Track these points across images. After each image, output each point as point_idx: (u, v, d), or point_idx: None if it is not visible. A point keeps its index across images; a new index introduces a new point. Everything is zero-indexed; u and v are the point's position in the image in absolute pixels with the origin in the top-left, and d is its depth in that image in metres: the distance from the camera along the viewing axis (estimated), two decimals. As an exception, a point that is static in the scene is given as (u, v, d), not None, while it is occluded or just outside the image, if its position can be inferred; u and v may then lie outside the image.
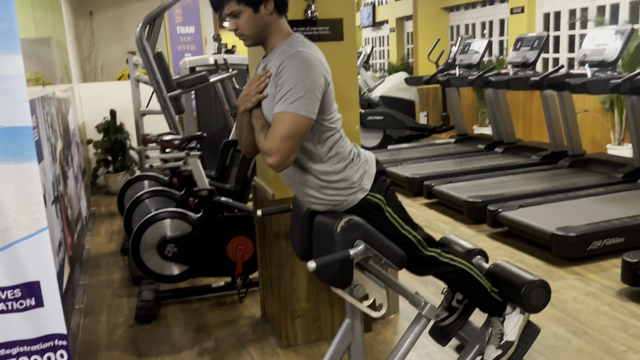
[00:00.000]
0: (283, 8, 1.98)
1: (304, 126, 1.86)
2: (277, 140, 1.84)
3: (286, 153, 1.85)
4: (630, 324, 2.93)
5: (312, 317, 2.88)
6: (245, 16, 1.93)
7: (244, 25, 1.95)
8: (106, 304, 3.56)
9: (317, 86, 1.85)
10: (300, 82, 1.82)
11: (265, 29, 1.96)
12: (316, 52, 1.92)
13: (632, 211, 4.09)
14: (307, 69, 1.84)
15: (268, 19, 1.95)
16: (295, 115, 1.83)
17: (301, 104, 1.83)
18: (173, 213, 3.41)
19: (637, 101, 4.75)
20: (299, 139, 1.87)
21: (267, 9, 1.93)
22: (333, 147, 2.00)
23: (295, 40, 1.94)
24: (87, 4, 8.83)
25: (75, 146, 5.00)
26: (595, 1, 7.08)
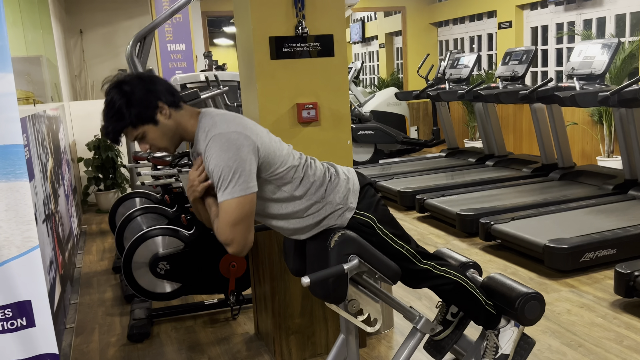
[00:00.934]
0: (176, 102, 1.93)
1: (247, 205, 1.84)
2: (227, 230, 1.84)
3: (241, 238, 1.86)
4: (625, 336, 2.94)
5: (307, 334, 2.86)
6: (150, 133, 1.90)
7: (155, 140, 1.92)
8: (98, 323, 3.52)
9: (244, 160, 1.82)
10: (225, 166, 1.80)
11: (175, 130, 1.93)
12: (229, 123, 1.87)
13: (624, 222, 4.11)
14: (226, 149, 1.81)
15: (171, 122, 1.91)
16: (234, 200, 1.81)
17: (235, 187, 1.81)
18: (165, 230, 3.39)
19: (626, 113, 4.80)
20: (248, 218, 1.86)
21: (165, 115, 1.90)
22: (303, 180, 1.98)
23: (206, 122, 1.90)
24: (78, 23, 8.85)
25: (66, 164, 4.97)
26: (582, 15, 7.19)
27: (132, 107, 1.84)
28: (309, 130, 2.75)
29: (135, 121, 1.86)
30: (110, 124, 1.88)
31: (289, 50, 2.66)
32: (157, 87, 1.90)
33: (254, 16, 2.59)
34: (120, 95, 1.85)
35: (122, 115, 1.85)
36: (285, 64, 2.67)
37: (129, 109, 1.84)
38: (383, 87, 10.93)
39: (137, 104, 1.85)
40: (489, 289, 2.34)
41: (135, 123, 1.87)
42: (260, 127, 1.99)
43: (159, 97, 1.88)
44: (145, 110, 1.86)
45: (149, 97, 1.86)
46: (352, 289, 2.01)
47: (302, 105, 2.69)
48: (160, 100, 1.88)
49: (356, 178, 2.10)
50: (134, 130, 1.89)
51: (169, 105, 1.90)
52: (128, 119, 1.86)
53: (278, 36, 2.63)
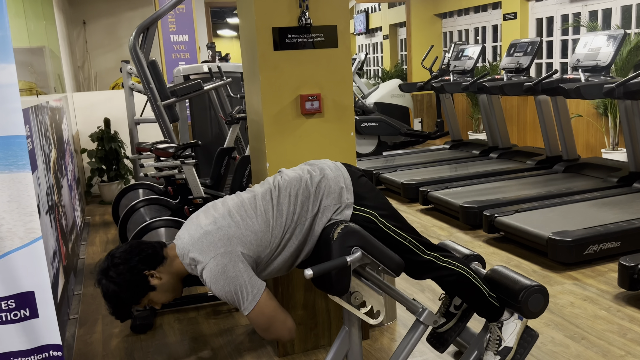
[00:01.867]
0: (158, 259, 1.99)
1: (265, 305, 1.92)
2: (267, 333, 1.97)
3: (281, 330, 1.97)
4: (628, 329, 2.93)
5: (309, 325, 2.86)
6: (154, 297, 2.00)
7: (162, 298, 2.02)
8: (101, 314, 3.53)
9: (235, 277, 1.88)
10: (227, 293, 1.89)
11: (173, 281, 2.02)
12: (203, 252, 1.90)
13: (628, 215, 4.10)
14: (215, 281, 1.88)
15: (165, 277, 2.00)
16: (254, 312, 1.91)
17: (247, 302, 1.89)
18: (168, 221, 3.39)
19: (631, 106, 4.77)
20: (275, 313, 1.94)
21: (156, 277, 1.98)
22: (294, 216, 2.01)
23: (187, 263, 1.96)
24: (81, 13, 8.83)
25: (69, 155, 4.98)
26: (588, 6, 7.13)
27: (125, 290, 1.94)
28: (312, 122, 2.73)
29: (136, 299, 1.98)
30: (116, 310, 2.00)
31: (292, 41, 2.64)
32: (136, 259, 1.96)
33: (257, 7, 2.57)
34: (109, 282, 1.94)
35: (121, 300, 1.96)
36: (289, 55, 2.65)
37: (124, 293, 1.95)
38: (387, 78, 10.88)
39: (127, 286, 1.94)
40: (493, 282, 2.34)
41: (136, 300, 1.98)
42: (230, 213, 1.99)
43: (143, 268, 1.96)
44: (138, 288, 1.96)
45: (134, 274, 1.95)
46: (355, 281, 2.00)
47: (306, 97, 2.68)
48: (145, 270, 1.96)
49: (346, 172, 2.10)
50: (139, 305, 2.01)
51: (155, 267, 1.98)
52: (128, 301, 1.97)
53: (281, 27, 2.62)
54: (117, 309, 1.99)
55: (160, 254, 2.00)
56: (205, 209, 2.07)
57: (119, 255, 1.97)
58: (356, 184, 2.08)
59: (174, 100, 4.54)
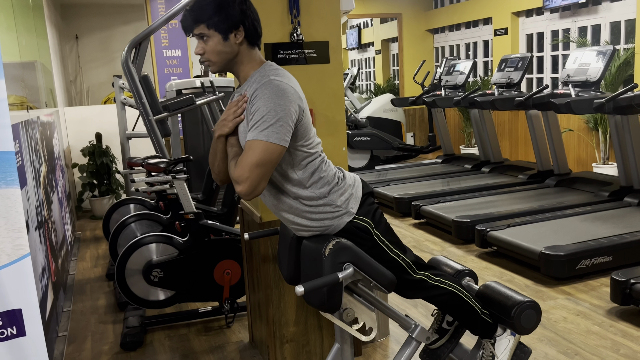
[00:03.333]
0: (254, 40, 1.96)
1: (275, 154, 1.83)
2: (247, 168, 1.81)
3: (255, 181, 1.82)
4: (621, 344, 2.92)
5: (301, 342, 2.83)
6: (213, 42, 1.91)
7: (211, 50, 1.93)
8: (91, 331, 3.49)
9: (290, 114, 1.83)
10: (272, 110, 1.81)
11: (233, 57, 1.95)
12: (289, 80, 1.90)
13: (619, 229, 4.11)
14: (280, 96, 1.82)
15: (237, 49, 1.93)
16: (266, 143, 1.80)
17: (272, 132, 1.80)
18: (159, 237, 3.37)
19: (621, 120, 4.81)
20: (270, 167, 1.84)
21: (237, 39, 1.91)
22: (315, 172, 1.97)
23: (268, 69, 1.93)
24: (73, 28, 8.84)
25: (60, 170, 4.94)
26: (577, 22, 7.22)
27: (220, 11, 1.88)
28: (304, 137, 2.73)
29: (212, 23, 1.89)
30: (194, 11, 1.91)
31: (284, 57, 2.65)
32: (250, 15, 1.93)
33: (249, 22, 2.57)
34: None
35: (205, 10, 1.89)
36: (281, 71, 2.65)
37: (216, 10, 1.88)
38: (379, 93, 10.94)
39: (225, 12, 1.88)
40: (485, 298, 2.33)
41: (210, 24, 1.89)
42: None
43: (245, 22, 1.91)
44: (226, 22, 1.89)
45: (239, 16, 1.90)
46: (347, 298, 1.99)
47: (297, 112, 2.67)
48: (244, 25, 1.91)
49: (360, 185, 2.10)
50: (205, 28, 1.91)
51: (246, 36, 1.93)
52: (208, 17, 1.89)
53: (273, 42, 2.62)
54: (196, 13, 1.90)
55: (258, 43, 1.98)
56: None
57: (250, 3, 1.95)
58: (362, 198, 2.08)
59: (166, 115, 4.53)
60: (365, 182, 2.16)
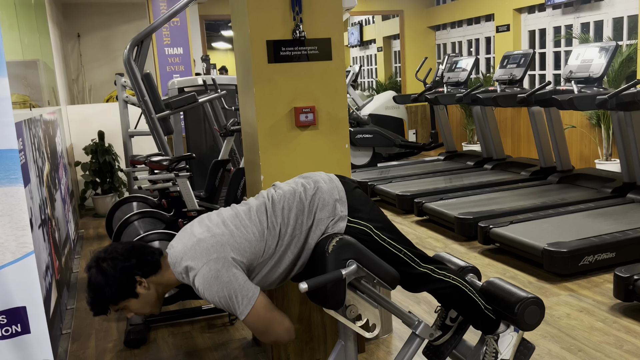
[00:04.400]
0: (153, 268, 1.97)
1: (262, 309, 1.89)
2: (265, 337, 1.94)
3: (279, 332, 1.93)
4: (625, 340, 2.92)
5: (305, 339, 2.84)
6: (132, 305, 1.97)
7: (139, 309, 1.99)
8: (95, 329, 3.49)
9: (229, 282, 1.86)
10: (220, 298, 1.86)
11: (157, 294, 1.99)
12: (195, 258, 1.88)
13: (622, 226, 4.10)
14: (209, 286, 1.86)
15: (152, 289, 1.97)
16: (249, 316, 1.88)
17: (242, 306, 1.87)
18: (162, 235, 3.37)
19: (624, 117, 4.80)
20: (271, 316, 1.91)
21: (144, 286, 1.95)
22: (287, 229, 2.00)
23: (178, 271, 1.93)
24: (75, 27, 8.84)
25: (62, 168, 4.95)
26: (579, 18, 7.20)
27: (110, 286, 1.91)
28: (307, 134, 2.73)
29: (115, 299, 1.93)
30: (93, 300, 1.95)
31: (287, 54, 2.65)
32: (134, 261, 1.94)
33: (251, 20, 2.58)
34: (99, 273, 1.91)
35: (102, 294, 1.92)
36: (283, 68, 2.65)
37: (108, 288, 1.91)
38: (381, 90, 10.92)
39: (114, 283, 1.91)
40: (488, 294, 2.33)
41: (115, 300, 1.94)
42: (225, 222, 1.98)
43: (136, 272, 1.93)
44: (123, 289, 1.93)
45: (125, 275, 1.92)
46: (350, 294, 1.99)
47: (300, 109, 2.68)
48: (138, 274, 1.94)
49: (340, 185, 2.09)
50: (115, 306, 1.96)
51: (147, 276, 1.95)
52: (109, 297, 1.92)
53: (275, 40, 2.62)
54: (95, 301, 1.94)
55: (158, 263, 1.98)
56: (200, 219, 2.06)
57: (119, 251, 1.95)
58: (350, 196, 2.08)
59: (168, 112, 4.54)
60: (347, 178, 2.17)
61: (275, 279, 2.03)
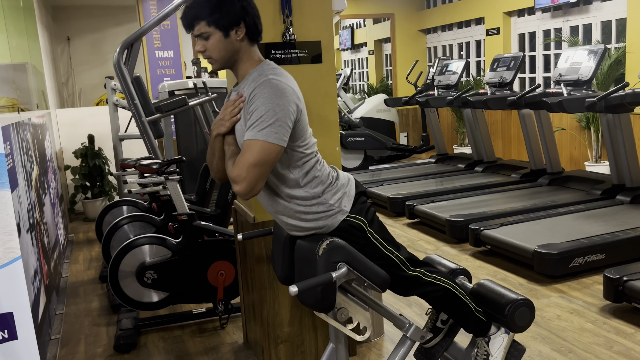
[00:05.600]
0: (255, 36, 1.96)
1: (273, 154, 1.83)
2: (245, 167, 1.81)
3: (253, 181, 1.82)
4: (614, 341, 2.93)
5: (296, 342, 2.83)
6: (214, 39, 1.91)
7: (213, 48, 1.92)
8: (84, 334, 3.47)
9: (288, 114, 1.83)
10: (271, 109, 1.80)
11: (234, 54, 1.94)
12: (288, 79, 1.90)
13: (612, 227, 4.13)
14: (278, 96, 1.82)
15: (238, 45, 1.93)
16: (265, 143, 1.80)
17: (271, 132, 1.80)
18: (152, 239, 3.35)
19: (613, 119, 4.83)
20: (268, 167, 1.84)
21: (238, 35, 1.91)
22: (310, 172, 1.97)
23: (267, 67, 1.92)
24: (65, 30, 8.80)
25: (52, 172, 4.92)
26: (568, 22, 7.25)
27: (220, 8, 1.87)
28: (297, 137, 2.72)
29: (212, 20, 1.88)
30: (193, 8, 1.90)
31: (277, 57, 2.64)
32: (251, 11, 1.93)
33: (241, 22, 2.57)
34: None
35: (206, 7, 1.87)
36: (273, 71, 2.64)
37: (217, 7, 1.87)
38: (372, 93, 10.95)
39: (225, 8, 1.87)
40: (479, 296, 2.33)
41: (211, 21, 1.88)
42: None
43: (245, 19, 1.91)
44: (226, 18, 1.88)
45: (239, 12, 1.89)
46: (341, 297, 1.98)
47: (290, 112, 2.67)
48: (245, 22, 1.91)
49: (354, 184, 2.10)
50: (206, 27, 1.89)
51: (247, 33, 1.92)
52: (207, 14, 1.88)
53: (266, 42, 2.62)
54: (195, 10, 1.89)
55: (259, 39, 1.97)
56: None
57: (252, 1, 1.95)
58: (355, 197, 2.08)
59: (158, 116, 4.51)
60: (359, 181, 2.16)
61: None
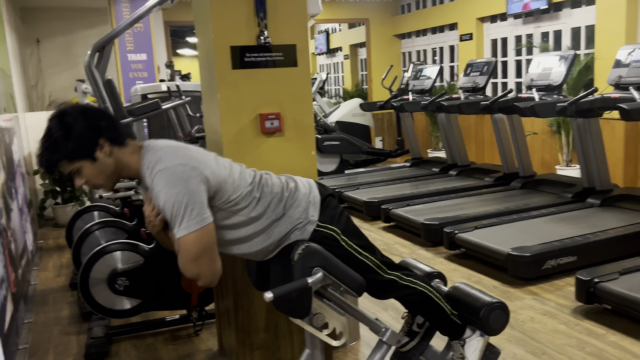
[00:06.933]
0: (120, 139, 1.87)
1: (206, 237, 1.80)
2: (191, 265, 1.80)
3: (208, 271, 1.82)
4: (586, 342, 2.97)
5: (272, 349, 2.80)
6: (87, 169, 1.84)
7: (91, 176, 1.86)
8: (53, 343, 3.38)
9: (194, 193, 1.77)
10: (175, 201, 1.75)
11: (115, 168, 1.87)
12: (174, 157, 1.81)
13: (583, 230, 4.19)
14: (174, 184, 1.76)
15: (112, 159, 1.85)
16: (191, 235, 1.77)
17: (189, 222, 1.76)
18: (124, 245, 3.28)
19: (583, 123, 4.92)
20: (209, 249, 1.82)
21: (105, 152, 1.83)
22: (260, 201, 1.95)
23: (151, 157, 1.84)
24: (34, 31, 8.62)
25: (20, 177, 4.80)
26: (540, 28, 7.37)
27: (70, 140, 1.78)
28: (273, 141, 2.70)
29: (72, 155, 1.80)
30: (46, 154, 1.81)
31: (251, 60, 2.62)
32: (100, 122, 1.84)
33: (215, 25, 2.54)
34: (60, 126, 1.79)
35: (58, 147, 1.78)
36: (248, 74, 2.63)
37: (67, 142, 1.78)
38: (348, 98, 10.97)
39: (76, 138, 1.78)
40: (454, 299, 2.33)
41: (71, 157, 1.80)
42: (208, 154, 1.94)
43: (101, 133, 1.82)
44: (84, 146, 1.80)
45: (90, 132, 1.80)
46: (316, 303, 1.97)
47: (265, 116, 2.65)
48: (102, 137, 1.82)
49: (317, 190, 2.08)
50: (70, 164, 1.82)
51: (112, 142, 1.84)
52: (64, 152, 1.79)
53: (240, 45, 2.59)
54: (50, 153, 1.80)
55: (125, 137, 1.88)
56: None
57: (91, 109, 1.85)
58: (323, 202, 2.06)
59: (131, 120, 4.44)
60: (323, 184, 2.15)
61: (223, 235, 1.94)
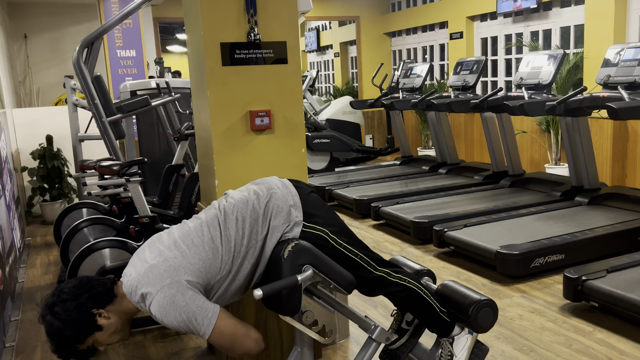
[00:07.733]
0: (108, 298, 1.89)
1: (224, 325, 1.84)
2: (232, 351, 1.88)
3: (246, 346, 1.88)
4: (574, 339, 3.00)
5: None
6: (100, 337, 1.88)
7: (108, 339, 1.91)
8: (41, 341, 3.35)
9: (186, 305, 1.80)
10: (180, 322, 1.81)
11: (120, 320, 1.91)
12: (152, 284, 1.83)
13: (571, 228, 4.23)
14: (166, 314, 1.81)
15: (114, 317, 1.89)
16: (213, 334, 1.83)
17: (202, 327, 1.81)
18: (112, 242, 3.27)
19: (571, 122, 4.95)
20: (235, 330, 1.86)
21: (105, 317, 1.87)
22: (244, 237, 1.96)
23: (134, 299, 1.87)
24: (22, 27, 8.54)
25: (7, 174, 4.75)
26: (529, 27, 7.41)
27: (69, 328, 1.82)
28: (263, 138, 2.70)
29: (80, 339, 1.85)
30: (58, 346, 1.86)
31: (241, 57, 2.61)
32: (85, 295, 1.85)
33: (205, 22, 2.53)
34: (54, 319, 1.82)
35: (65, 338, 1.83)
36: (238, 71, 2.62)
37: (69, 331, 1.82)
38: (338, 95, 10.97)
39: (73, 324, 1.82)
40: (443, 297, 2.34)
41: (81, 340, 1.85)
42: (186, 236, 1.93)
43: (91, 306, 1.85)
44: (84, 327, 1.84)
45: (82, 312, 1.83)
46: (306, 300, 1.96)
47: (255, 113, 2.64)
48: (94, 308, 1.85)
49: (294, 190, 2.07)
50: (83, 344, 1.87)
51: (104, 306, 1.87)
52: (73, 340, 1.84)
53: (230, 42, 2.58)
54: (60, 347, 1.85)
55: (111, 291, 1.89)
56: (151, 242, 1.99)
57: (67, 291, 1.85)
58: (305, 201, 2.06)
59: (119, 116, 4.42)
60: (301, 183, 2.15)
61: (235, 291, 1.98)
